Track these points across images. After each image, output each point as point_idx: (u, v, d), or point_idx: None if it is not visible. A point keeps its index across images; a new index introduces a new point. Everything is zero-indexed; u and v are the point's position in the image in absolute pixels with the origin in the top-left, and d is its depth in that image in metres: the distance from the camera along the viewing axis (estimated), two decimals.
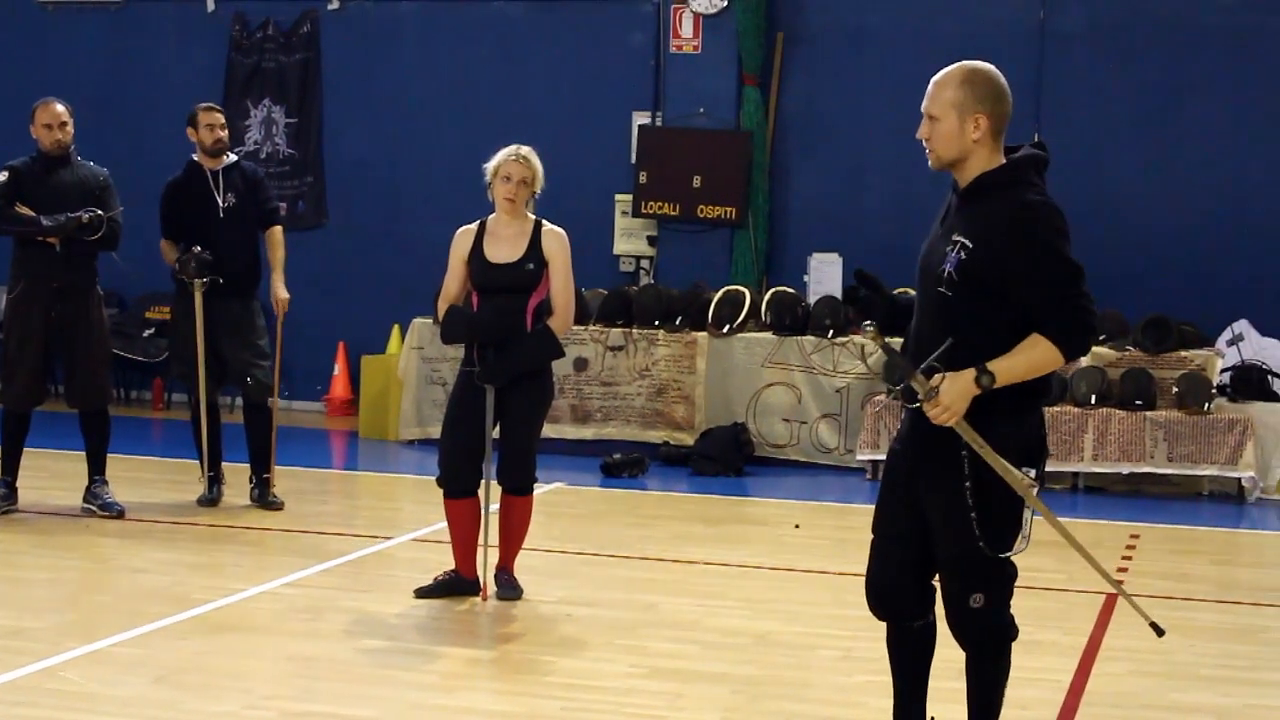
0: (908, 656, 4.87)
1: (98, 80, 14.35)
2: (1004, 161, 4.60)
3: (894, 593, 4.78)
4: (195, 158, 9.34)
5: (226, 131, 9.41)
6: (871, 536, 4.83)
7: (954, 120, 4.56)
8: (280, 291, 9.39)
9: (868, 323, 4.64)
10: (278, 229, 9.52)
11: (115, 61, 14.60)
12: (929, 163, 4.68)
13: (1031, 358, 4.49)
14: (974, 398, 4.46)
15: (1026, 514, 4.59)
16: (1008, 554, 4.61)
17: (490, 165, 7.30)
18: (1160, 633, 4.93)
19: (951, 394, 4.45)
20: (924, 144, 4.66)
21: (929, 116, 4.62)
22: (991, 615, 4.66)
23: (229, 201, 9.28)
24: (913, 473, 4.69)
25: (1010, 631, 4.74)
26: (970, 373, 4.45)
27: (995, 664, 4.76)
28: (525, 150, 7.29)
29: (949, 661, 4.93)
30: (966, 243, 4.50)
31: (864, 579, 4.85)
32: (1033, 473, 4.58)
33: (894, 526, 4.75)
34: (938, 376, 4.47)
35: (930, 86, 4.65)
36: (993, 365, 4.46)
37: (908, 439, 4.72)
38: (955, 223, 4.59)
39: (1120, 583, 4.93)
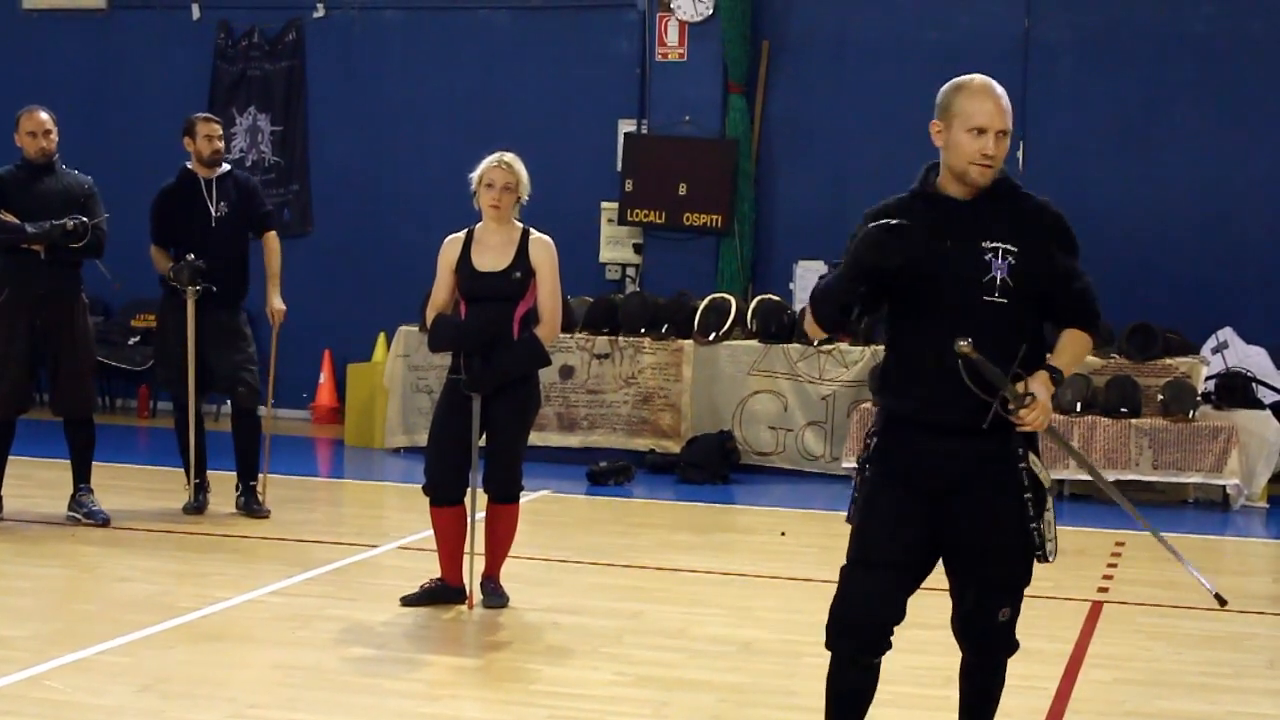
0: (860, 693, 4.65)
1: (83, 88, 14.30)
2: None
3: (878, 627, 4.56)
4: (189, 165, 9.33)
5: (223, 142, 9.42)
6: (855, 568, 4.62)
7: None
8: (276, 303, 9.38)
9: (963, 340, 4.37)
10: (273, 234, 9.51)
11: (100, 69, 14.56)
12: (985, 180, 4.48)
13: (1079, 351, 4.67)
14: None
15: (1049, 517, 4.60)
16: (1050, 560, 4.63)
17: (475, 173, 7.30)
18: (1223, 602, 4.94)
19: (1046, 395, 4.47)
20: (986, 161, 4.46)
21: (1003, 133, 4.47)
22: (1012, 627, 4.69)
23: (221, 211, 9.26)
24: (952, 493, 4.53)
25: (1015, 642, 4.76)
26: (1045, 373, 4.50)
27: (1000, 674, 4.80)
28: (509, 157, 7.29)
29: (937, 669, 4.93)
30: (1010, 247, 4.49)
31: (831, 609, 4.60)
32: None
33: (899, 555, 4.57)
34: (1022, 383, 4.45)
35: (997, 103, 4.48)
36: (1054, 363, 4.55)
37: (944, 462, 4.52)
38: (976, 230, 4.49)
39: (1152, 531, 4.91)
